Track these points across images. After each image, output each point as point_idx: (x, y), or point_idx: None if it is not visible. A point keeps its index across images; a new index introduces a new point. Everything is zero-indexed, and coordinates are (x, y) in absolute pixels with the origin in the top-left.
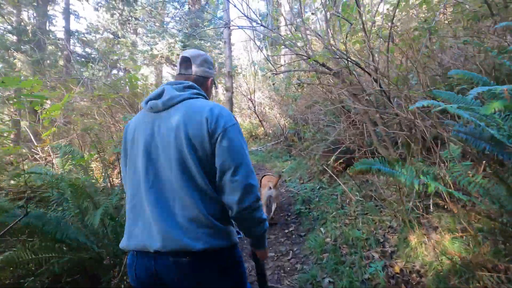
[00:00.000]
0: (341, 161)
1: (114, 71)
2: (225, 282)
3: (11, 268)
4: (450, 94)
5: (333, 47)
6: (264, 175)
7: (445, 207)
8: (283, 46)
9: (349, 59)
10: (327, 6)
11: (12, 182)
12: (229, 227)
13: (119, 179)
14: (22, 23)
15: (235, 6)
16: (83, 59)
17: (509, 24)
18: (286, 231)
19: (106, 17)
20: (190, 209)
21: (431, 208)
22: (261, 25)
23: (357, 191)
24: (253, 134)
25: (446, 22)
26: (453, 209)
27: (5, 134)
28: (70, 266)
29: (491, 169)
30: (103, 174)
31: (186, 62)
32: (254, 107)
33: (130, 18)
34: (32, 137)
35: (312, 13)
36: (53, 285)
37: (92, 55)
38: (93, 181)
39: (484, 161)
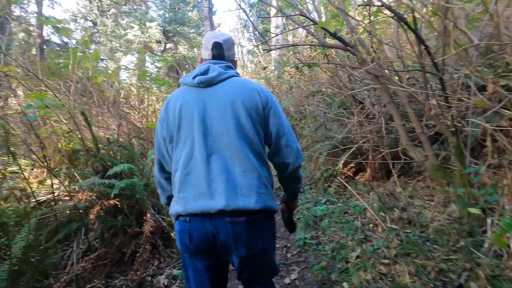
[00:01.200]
0: (351, 165)
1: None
2: (268, 241)
3: None
4: None
5: None
6: None
7: None
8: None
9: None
10: None
11: None
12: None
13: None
14: None
15: None
16: (59, 49)
17: None
18: (287, 280)
19: (85, 3)
20: (249, 172)
21: None
22: None
23: (380, 208)
24: None
25: None
26: None
27: None
28: None
29: None
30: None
31: (218, 47)
32: None
33: (110, 2)
34: None
35: None
36: None
37: (71, 45)
38: None
39: None
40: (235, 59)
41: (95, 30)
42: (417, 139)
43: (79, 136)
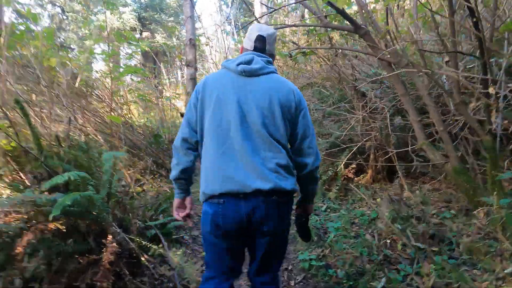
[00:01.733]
0: (353, 165)
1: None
2: (289, 221)
3: None
4: None
5: None
6: None
7: None
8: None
9: None
10: None
11: None
12: None
13: None
14: None
15: None
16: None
17: None
18: None
19: None
20: (279, 159)
21: None
22: None
23: (394, 218)
24: None
25: None
26: None
27: None
28: None
29: None
30: None
31: (261, 40)
32: None
33: None
34: None
35: None
36: None
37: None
38: None
39: None
40: (275, 53)
41: (64, 17)
42: (430, 137)
43: (16, 132)
